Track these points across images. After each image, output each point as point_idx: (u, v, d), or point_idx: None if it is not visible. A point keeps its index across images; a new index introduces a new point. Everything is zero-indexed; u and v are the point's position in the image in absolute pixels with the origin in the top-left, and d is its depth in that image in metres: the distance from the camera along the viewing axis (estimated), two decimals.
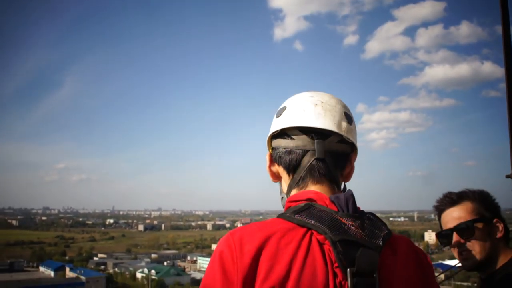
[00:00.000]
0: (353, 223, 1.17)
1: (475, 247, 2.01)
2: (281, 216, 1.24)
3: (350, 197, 1.25)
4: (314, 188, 1.32)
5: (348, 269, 1.10)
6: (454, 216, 2.08)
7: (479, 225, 2.03)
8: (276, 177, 1.46)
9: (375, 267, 1.12)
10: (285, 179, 1.41)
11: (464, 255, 2.04)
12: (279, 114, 1.44)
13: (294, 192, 1.36)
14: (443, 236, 2.12)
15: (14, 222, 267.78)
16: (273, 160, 1.44)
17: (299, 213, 1.20)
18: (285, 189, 1.41)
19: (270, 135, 1.45)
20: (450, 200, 2.13)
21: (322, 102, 1.40)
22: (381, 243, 1.16)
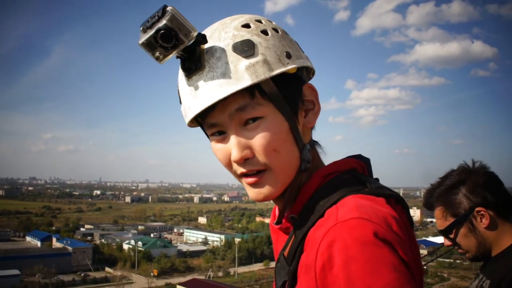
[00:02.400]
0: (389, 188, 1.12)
1: (464, 246, 2.05)
2: (359, 191, 1.02)
3: (370, 162, 1.19)
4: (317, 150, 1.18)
5: None
6: (436, 220, 2.14)
7: (456, 228, 2.05)
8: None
9: None
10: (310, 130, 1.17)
11: (461, 251, 2.09)
12: (300, 48, 1.16)
13: (313, 152, 1.13)
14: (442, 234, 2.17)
15: (0, 192, 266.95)
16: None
17: (376, 185, 1.06)
18: (306, 141, 1.11)
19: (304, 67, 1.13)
20: (427, 206, 2.19)
21: None
22: None
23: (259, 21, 1.08)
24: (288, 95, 1.05)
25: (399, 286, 0.82)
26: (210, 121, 1.05)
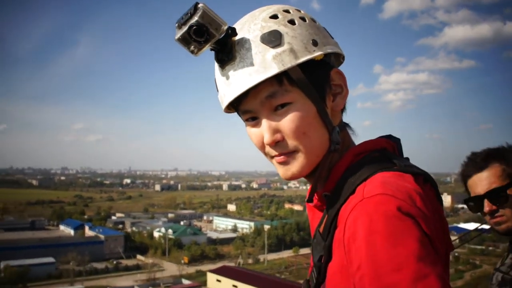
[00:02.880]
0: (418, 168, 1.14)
1: (508, 212, 1.92)
2: (388, 169, 1.05)
3: (400, 142, 1.21)
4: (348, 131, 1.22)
5: None
6: (483, 182, 1.97)
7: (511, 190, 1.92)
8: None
9: None
10: (340, 110, 1.19)
11: (497, 220, 1.95)
12: (328, 34, 1.20)
13: (343, 134, 1.17)
14: (473, 202, 2.03)
15: (34, 182, 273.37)
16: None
17: (405, 163, 1.08)
18: (336, 123, 1.15)
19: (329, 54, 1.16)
20: (475, 164, 2.02)
21: None
22: None
23: (287, 11, 1.12)
24: (315, 81, 1.10)
25: (423, 256, 0.84)
26: (243, 107, 1.12)
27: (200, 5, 1.03)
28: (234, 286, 55.93)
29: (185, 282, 62.71)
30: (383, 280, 0.84)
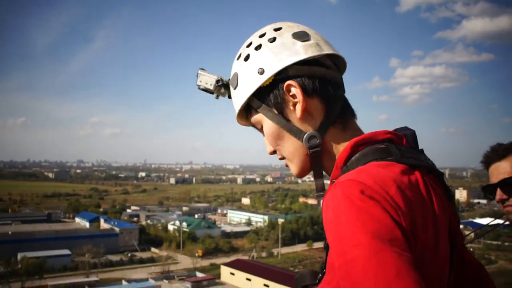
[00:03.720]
0: (429, 159, 1.18)
1: None
2: (382, 159, 1.09)
3: (415, 134, 1.23)
4: (354, 125, 1.24)
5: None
6: (499, 170, 2.01)
7: None
8: (308, 113, 1.20)
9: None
10: (319, 115, 1.20)
11: (508, 208, 1.98)
12: (305, 38, 1.22)
13: (333, 131, 1.20)
14: (488, 190, 2.06)
15: (50, 174, 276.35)
16: (307, 90, 1.18)
17: (402, 155, 1.11)
18: (311, 127, 1.20)
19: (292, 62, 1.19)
20: (496, 153, 2.05)
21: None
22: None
23: (250, 44, 1.26)
24: (271, 101, 1.20)
25: (380, 234, 0.90)
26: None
27: (197, 72, 1.31)
28: (247, 279, 56.08)
29: (199, 275, 63.01)
30: (345, 256, 0.90)
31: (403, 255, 0.88)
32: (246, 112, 1.28)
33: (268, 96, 1.20)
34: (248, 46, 1.25)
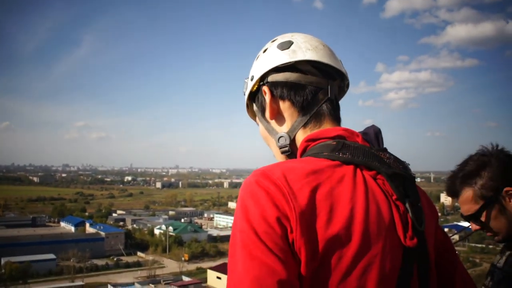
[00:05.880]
0: (389, 157, 1.17)
1: (495, 228, 1.99)
2: (317, 155, 1.13)
3: (380, 132, 1.26)
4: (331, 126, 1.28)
5: (407, 200, 1.12)
6: (461, 206, 2.07)
7: (487, 210, 1.99)
8: (275, 115, 1.32)
9: (418, 197, 1.16)
10: (290, 117, 1.29)
11: (490, 234, 2.03)
12: (285, 47, 1.32)
13: (303, 131, 1.27)
14: (465, 219, 2.10)
15: (35, 179, 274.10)
16: (275, 95, 1.30)
17: (339, 150, 1.13)
18: (284, 128, 1.30)
19: (269, 68, 1.33)
20: (450, 190, 2.11)
21: (326, 45, 1.36)
22: (413, 175, 1.18)
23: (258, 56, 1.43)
24: (258, 105, 1.38)
25: (254, 214, 1.00)
26: None
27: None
28: None
29: (186, 279, 62.74)
30: (233, 235, 1.03)
31: (268, 253, 0.96)
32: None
33: (257, 100, 1.37)
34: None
